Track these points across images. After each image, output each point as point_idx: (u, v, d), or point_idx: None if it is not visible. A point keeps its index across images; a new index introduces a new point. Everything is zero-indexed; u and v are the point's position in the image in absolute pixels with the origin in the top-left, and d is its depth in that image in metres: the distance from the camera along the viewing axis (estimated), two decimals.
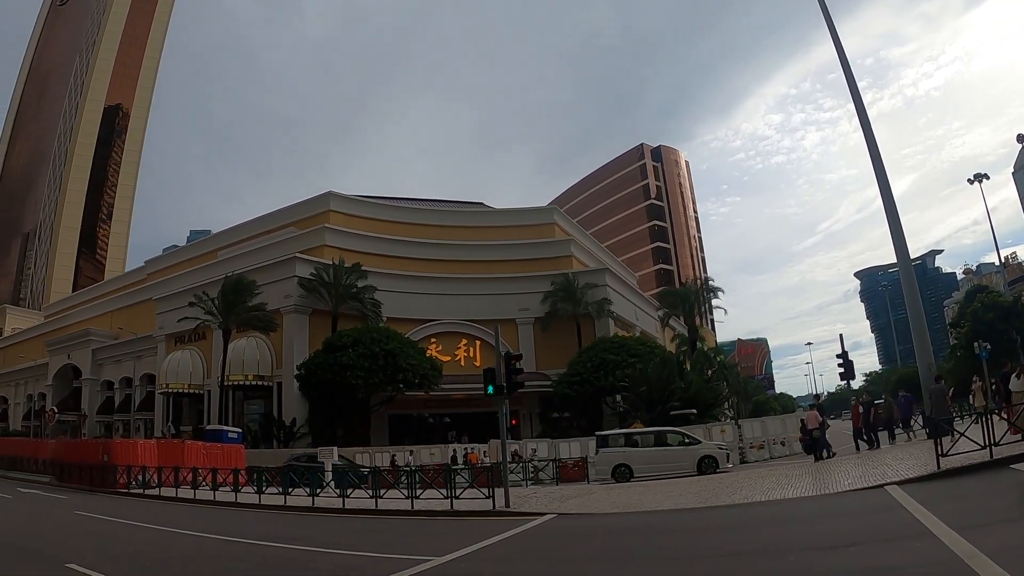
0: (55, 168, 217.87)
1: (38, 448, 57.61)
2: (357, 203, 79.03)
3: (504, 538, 17.37)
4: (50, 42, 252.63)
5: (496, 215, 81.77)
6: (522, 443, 47.62)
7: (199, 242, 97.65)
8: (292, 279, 63.40)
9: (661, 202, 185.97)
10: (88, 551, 17.00)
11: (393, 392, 58.42)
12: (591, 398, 60.51)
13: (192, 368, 70.79)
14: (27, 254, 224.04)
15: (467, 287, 68.98)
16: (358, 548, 17.00)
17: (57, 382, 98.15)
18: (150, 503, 33.09)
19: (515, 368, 26.68)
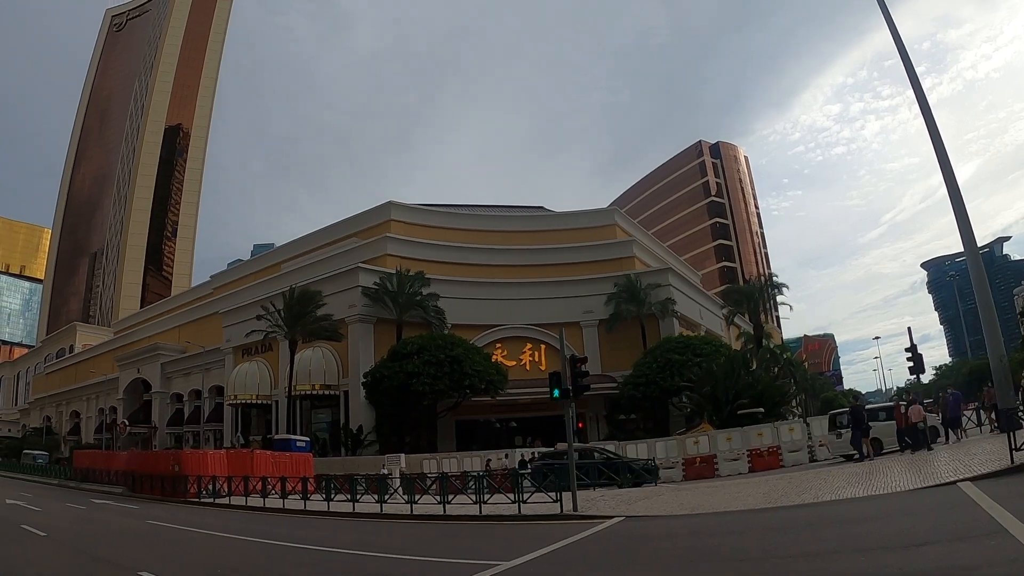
0: (119, 189, 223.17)
1: (110, 460, 58.72)
2: (418, 212, 79.40)
3: (572, 542, 17.24)
4: (109, 67, 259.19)
5: (556, 218, 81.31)
6: (589, 446, 47.10)
7: (263, 256, 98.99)
8: (356, 289, 63.87)
9: (722, 199, 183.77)
10: (160, 559, 17.45)
11: (459, 398, 58.28)
12: (657, 399, 59.68)
13: (259, 379, 71.63)
14: (95, 273, 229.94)
15: (530, 291, 68.72)
16: (426, 554, 17.14)
17: (128, 396, 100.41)
18: (220, 512, 33.69)
19: (580, 371, 26.52)
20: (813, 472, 30.29)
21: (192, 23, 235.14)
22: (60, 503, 37.77)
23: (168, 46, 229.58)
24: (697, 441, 42.54)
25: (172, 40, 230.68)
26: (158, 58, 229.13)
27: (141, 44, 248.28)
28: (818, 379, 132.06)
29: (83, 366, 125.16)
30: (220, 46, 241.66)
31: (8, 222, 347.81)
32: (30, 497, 41.00)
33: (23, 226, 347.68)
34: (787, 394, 63.21)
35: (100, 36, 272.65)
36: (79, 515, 30.66)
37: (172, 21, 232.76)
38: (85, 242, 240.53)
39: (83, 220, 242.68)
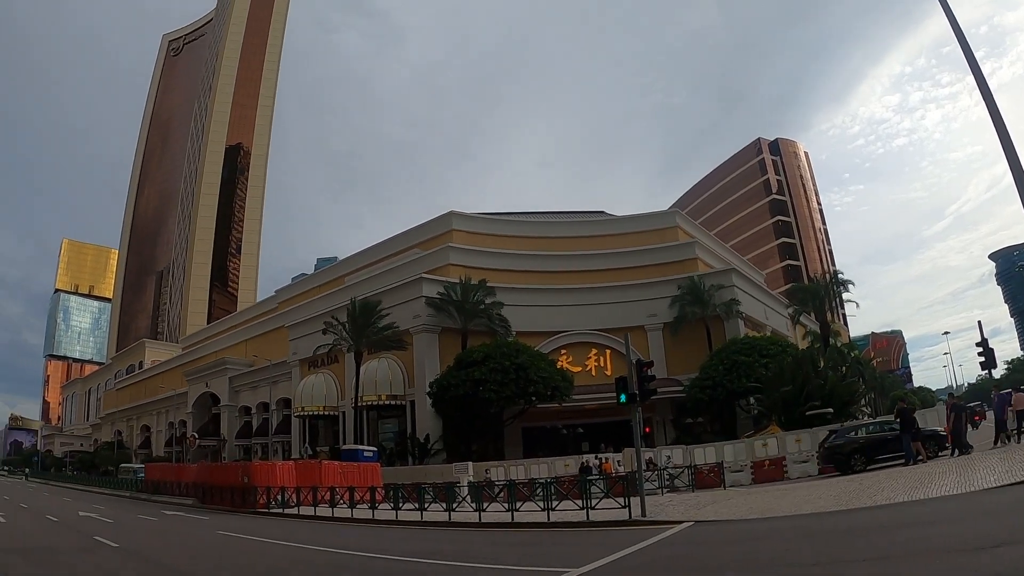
0: (183, 208, 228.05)
1: (181, 472, 59.74)
2: (479, 220, 79.67)
3: (641, 548, 16.93)
4: (168, 90, 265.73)
5: (618, 222, 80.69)
6: (656, 450, 46.44)
7: (326, 269, 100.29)
8: (420, 299, 64.29)
9: (783, 196, 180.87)
10: (229, 569, 17.68)
11: (525, 405, 58.14)
12: (724, 402, 58.77)
13: (326, 391, 72.40)
14: (162, 291, 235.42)
15: (594, 297, 68.28)
16: (495, 561, 16.89)
17: (196, 409, 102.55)
18: (289, 522, 33.86)
19: (647, 375, 26.22)
20: (884, 473, 29.40)
21: (247, 45, 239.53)
22: (132, 515, 38.31)
23: (225, 68, 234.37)
24: (765, 443, 41.70)
25: (228, 62, 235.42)
26: (216, 80, 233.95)
27: (198, 67, 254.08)
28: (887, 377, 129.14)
29: (152, 381, 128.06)
30: (276, 66, 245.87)
31: (77, 244, 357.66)
32: (102, 509, 41.66)
33: (91, 248, 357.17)
34: (856, 393, 61.74)
35: (158, 61, 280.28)
36: (151, 526, 31.04)
37: (227, 44, 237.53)
38: (151, 261, 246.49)
39: (149, 240, 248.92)
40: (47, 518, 33.60)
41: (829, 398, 49.06)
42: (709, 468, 39.21)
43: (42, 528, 28.43)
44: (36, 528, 28.33)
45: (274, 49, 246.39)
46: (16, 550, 20.12)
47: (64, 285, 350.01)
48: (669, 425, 64.03)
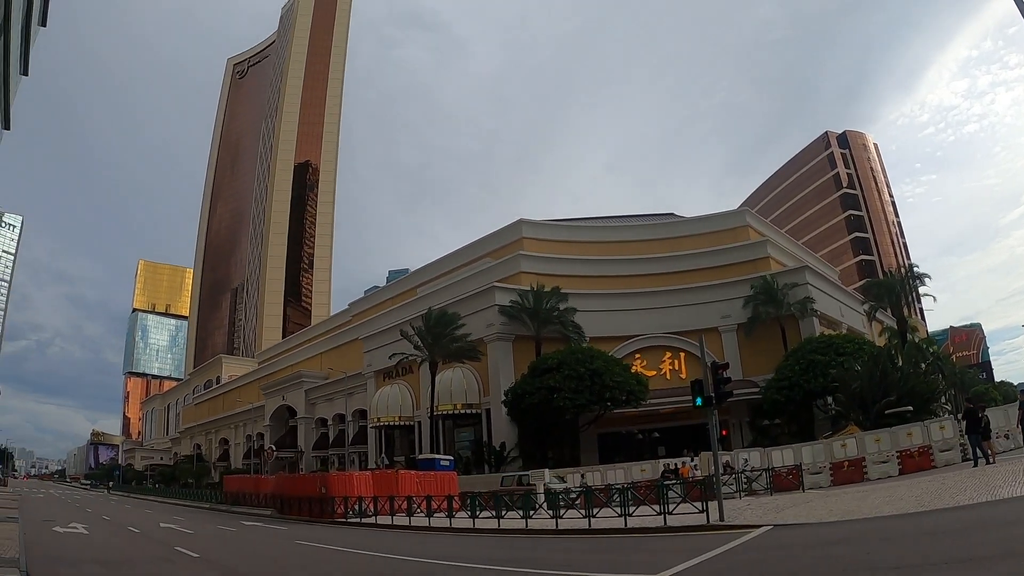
0: (255, 226, 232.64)
1: (259, 484, 60.77)
2: (549, 227, 79.87)
3: (719, 553, 16.76)
4: (235, 112, 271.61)
5: (688, 224, 79.95)
6: (733, 453, 45.81)
7: (399, 281, 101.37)
8: (493, 308, 64.75)
9: (854, 190, 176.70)
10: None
11: (600, 411, 57.74)
12: (801, 402, 57.49)
13: (401, 401, 73.25)
14: (237, 307, 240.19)
15: (666, 299, 67.73)
16: (572, 567, 16.72)
17: (274, 422, 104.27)
18: (367, 531, 33.99)
19: (723, 377, 26.02)
20: (966, 472, 28.66)
21: (311, 65, 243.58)
22: (211, 525, 38.84)
23: (290, 88, 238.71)
24: (844, 444, 40.68)
25: (293, 82, 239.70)
26: (281, 100, 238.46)
27: (264, 88, 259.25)
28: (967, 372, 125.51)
29: (230, 396, 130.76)
30: (340, 84, 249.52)
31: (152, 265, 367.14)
32: (183, 520, 42.19)
33: (166, 268, 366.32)
34: (936, 390, 60.15)
35: (224, 84, 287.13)
36: (230, 537, 31.37)
37: (291, 64, 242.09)
38: (226, 278, 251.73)
39: (223, 258, 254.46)
40: (129, 529, 34.16)
41: (908, 396, 47.99)
42: (787, 470, 38.74)
43: (124, 539, 28.90)
44: (118, 539, 28.76)
45: (337, 68, 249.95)
46: (99, 561, 20.49)
47: (141, 304, 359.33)
48: (746, 427, 63.14)
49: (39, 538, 26.10)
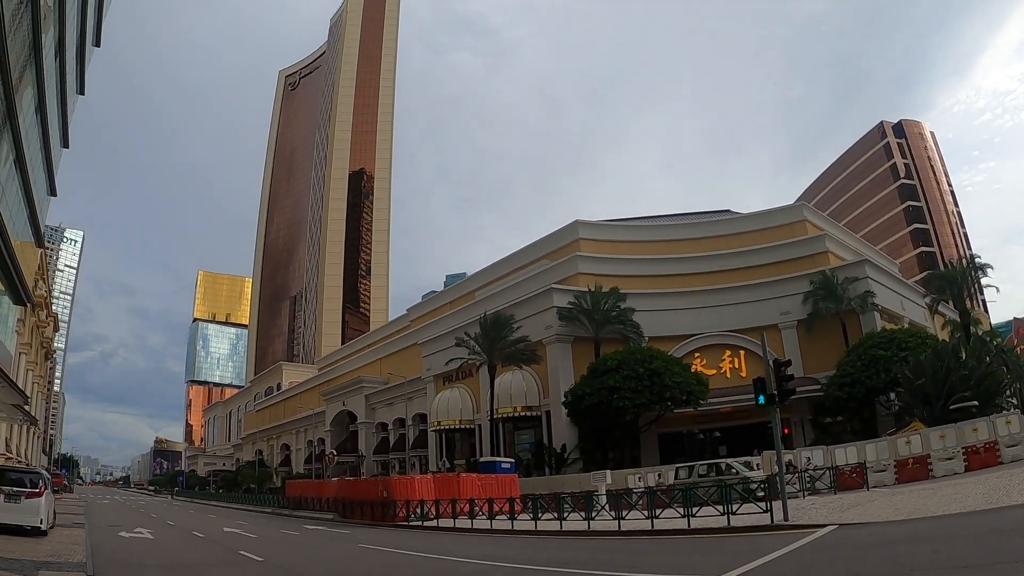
0: (312, 234, 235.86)
1: (321, 488, 61.62)
2: (605, 228, 79.82)
3: (784, 553, 16.71)
4: (289, 122, 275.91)
5: (744, 220, 79.17)
6: (796, 452, 45.33)
7: (456, 285, 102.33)
8: (551, 310, 64.75)
9: (912, 180, 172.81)
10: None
11: (661, 411, 57.41)
12: (863, 399, 56.36)
13: (461, 405, 73.64)
14: (296, 314, 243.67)
15: (724, 297, 67.16)
16: (636, 569, 16.73)
17: (334, 427, 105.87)
18: (429, 534, 34.34)
19: (785, 375, 25.88)
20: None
21: (362, 74, 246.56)
22: (274, 530, 39.20)
23: (342, 98, 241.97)
24: (908, 441, 39.79)
25: (345, 92, 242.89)
26: (334, 110, 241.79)
27: (316, 98, 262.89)
28: None
29: (291, 402, 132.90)
30: (392, 92, 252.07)
31: (212, 275, 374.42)
32: (246, 525, 42.97)
33: (225, 278, 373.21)
34: (1001, 384, 58.79)
35: (276, 96, 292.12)
36: (293, 540, 31.55)
37: (342, 75, 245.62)
38: (284, 287, 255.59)
39: (281, 267, 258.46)
40: (193, 534, 34.56)
41: (974, 390, 47.11)
42: (851, 469, 38.17)
43: (189, 544, 29.29)
44: (183, 544, 29.12)
45: (388, 76, 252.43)
46: (165, 565, 20.77)
47: (201, 314, 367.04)
48: (807, 425, 62.31)
49: (105, 543, 26.58)
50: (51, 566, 16.87)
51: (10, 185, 40.52)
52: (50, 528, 26.63)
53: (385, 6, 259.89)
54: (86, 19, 53.30)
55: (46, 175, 53.17)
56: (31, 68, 38.93)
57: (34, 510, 24.30)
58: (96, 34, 61.07)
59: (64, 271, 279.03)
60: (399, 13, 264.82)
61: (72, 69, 53.63)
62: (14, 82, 33.37)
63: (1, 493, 23.84)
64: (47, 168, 52.71)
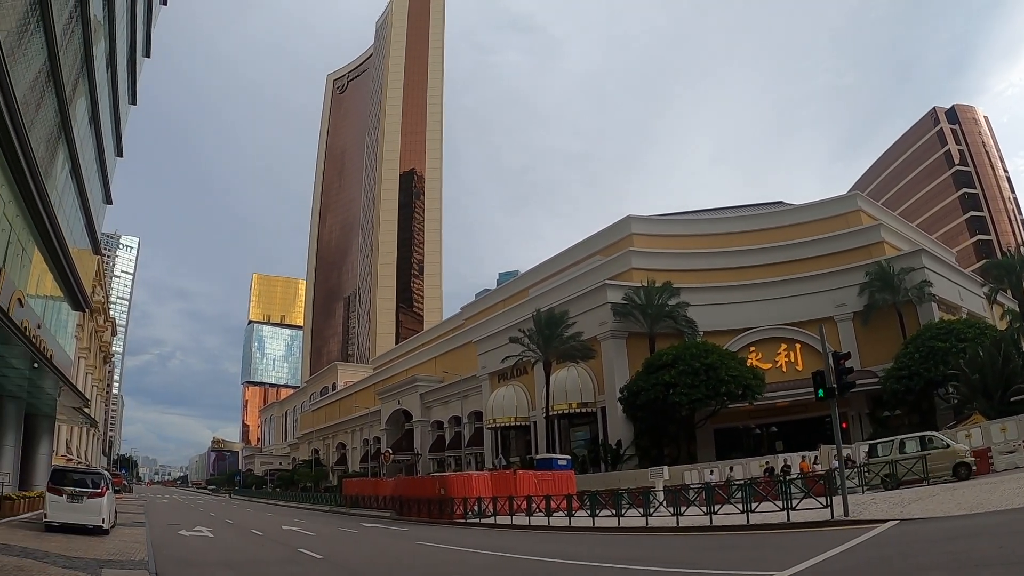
0: (364, 235, 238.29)
1: (378, 487, 62.62)
2: (657, 222, 79.70)
3: (846, 549, 16.64)
4: (339, 125, 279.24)
5: (797, 212, 77.96)
6: (854, 446, 44.73)
7: (509, 283, 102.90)
8: (605, 306, 64.87)
9: (966, 167, 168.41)
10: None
11: (717, 406, 56.92)
12: (922, 392, 55.26)
13: (516, 402, 74.23)
14: (350, 315, 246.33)
15: (779, 290, 66.45)
16: (697, 566, 16.83)
17: (390, 426, 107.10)
18: (487, 531, 34.42)
19: (844, 368, 25.76)
20: None
21: (409, 76, 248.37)
22: (333, 528, 39.56)
23: (390, 100, 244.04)
24: (969, 434, 39.14)
25: (393, 94, 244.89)
26: (383, 112, 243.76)
27: (364, 101, 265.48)
28: None
29: (346, 401, 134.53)
30: (440, 93, 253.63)
31: (266, 278, 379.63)
32: (304, 523, 43.28)
33: (279, 280, 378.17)
34: None
35: (325, 99, 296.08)
36: (352, 538, 31.74)
37: (390, 77, 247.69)
38: (338, 288, 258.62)
39: (334, 268, 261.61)
40: (252, 532, 34.84)
41: None
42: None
43: (248, 542, 29.50)
44: (243, 542, 29.37)
45: (435, 77, 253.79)
46: (225, 563, 20.92)
47: (256, 316, 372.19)
48: (865, 419, 61.39)
49: (166, 542, 27.10)
50: (114, 564, 17.42)
51: (67, 194, 41.78)
52: (112, 527, 27.37)
53: (430, 7, 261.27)
54: (135, 31, 54.63)
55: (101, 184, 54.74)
56: (84, 80, 40.12)
57: (96, 510, 25.06)
58: (146, 45, 62.59)
59: (120, 277, 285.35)
60: (444, 14, 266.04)
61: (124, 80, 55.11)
62: (68, 94, 34.50)
63: (64, 493, 24.65)
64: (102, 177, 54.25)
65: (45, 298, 42.41)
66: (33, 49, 27.64)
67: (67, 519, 24.57)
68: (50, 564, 16.32)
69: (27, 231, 34.34)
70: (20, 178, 29.07)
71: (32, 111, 29.02)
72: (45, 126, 32.66)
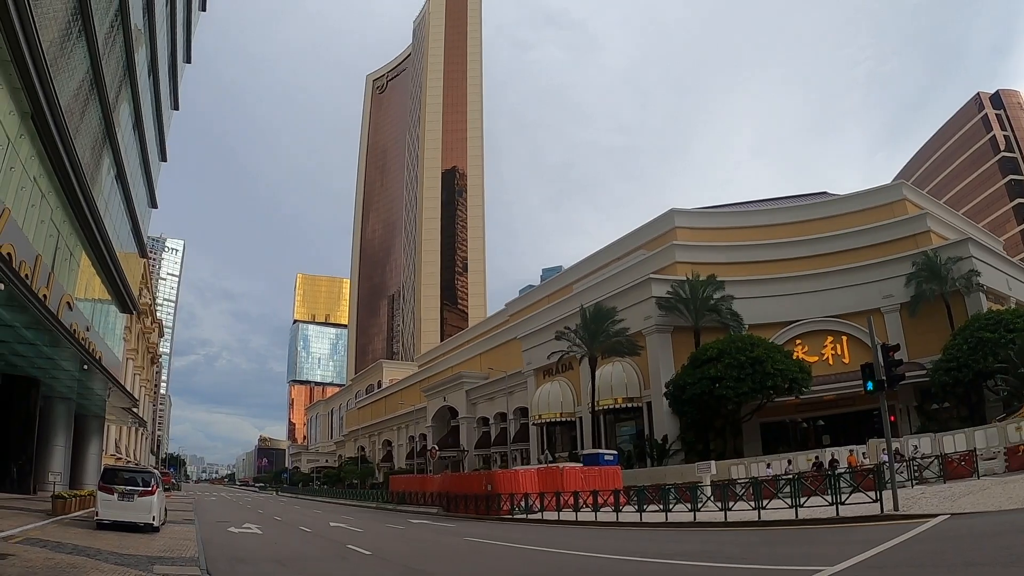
0: (407, 233, 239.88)
1: (424, 483, 63.05)
2: (701, 215, 79.26)
3: (897, 543, 16.53)
4: (379, 125, 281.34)
5: (842, 202, 76.66)
6: (902, 440, 44.27)
7: (553, 279, 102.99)
8: (649, 300, 64.80)
9: (1012, 153, 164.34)
10: (481, 574, 18.11)
11: (763, 400, 56.67)
12: (971, 384, 54.13)
13: (562, 397, 74.53)
14: (394, 313, 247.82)
15: (824, 282, 65.65)
16: (746, 560, 16.75)
17: (436, 423, 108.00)
18: (534, 527, 34.34)
19: (893, 360, 25.54)
20: None
21: (449, 74, 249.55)
22: (380, 524, 39.62)
23: (430, 98, 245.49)
24: (1019, 427, 38.51)
25: (433, 92, 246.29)
26: (423, 110, 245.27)
27: (404, 100, 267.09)
28: None
29: (391, 399, 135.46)
30: (479, 90, 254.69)
31: (310, 278, 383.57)
32: (351, 519, 43.26)
33: (324, 280, 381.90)
34: None
35: (365, 100, 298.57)
36: (400, 534, 31.72)
37: (429, 75, 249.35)
38: (382, 286, 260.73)
39: (378, 266, 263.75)
40: (300, 529, 34.84)
41: None
42: (959, 457, 37.39)
43: (297, 538, 29.49)
44: (291, 538, 29.36)
45: (475, 74, 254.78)
46: (275, 559, 21.01)
47: (301, 316, 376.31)
48: (913, 412, 60.44)
49: (215, 538, 27.21)
50: (165, 561, 17.68)
51: (113, 199, 42.92)
52: (162, 525, 27.56)
53: (467, 5, 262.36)
54: (176, 38, 55.79)
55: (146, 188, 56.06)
56: (126, 87, 41.19)
57: (147, 508, 25.34)
58: (186, 51, 63.84)
59: (166, 279, 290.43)
60: (482, 11, 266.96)
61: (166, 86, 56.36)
62: (111, 101, 35.46)
63: (115, 492, 24.99)
64: (147, 182, 55.57)
65: (93, 301, 43.55)
66: (76, 58, 28.49)
67: (118, 517, 24.93)
68: (102, 561, 16.66)
69: (74, 236, 35.37)
70: (67, 184, 29.99)
71: (77, 118, 29.87)
72: (90, 133, 33.62)
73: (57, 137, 26.27)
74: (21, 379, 38.27)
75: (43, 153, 26.84)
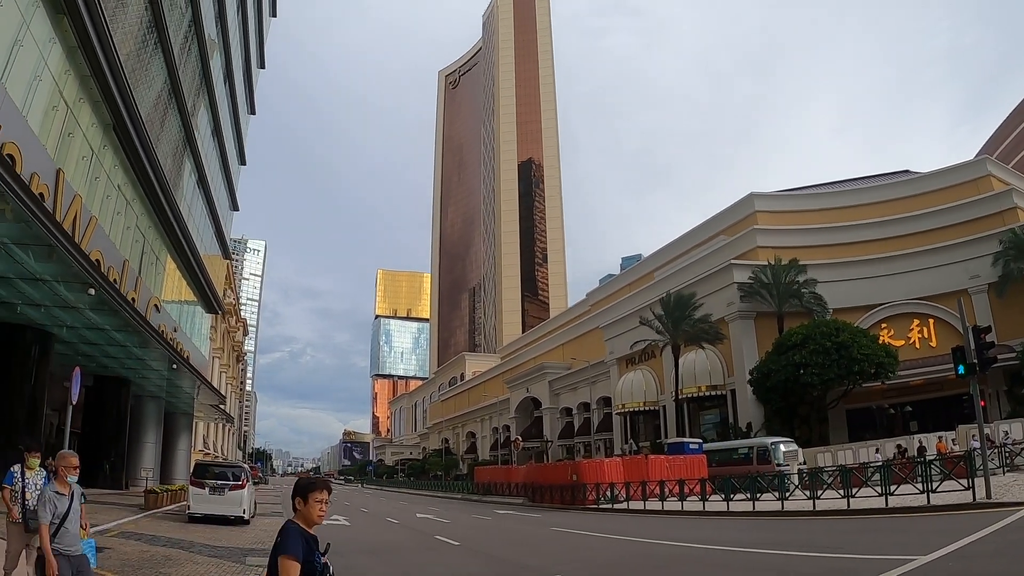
0: (486, 226, 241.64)
1: (509, 474, 64.04)
2: (781, 199, 78.36)
3: (990, 532, 16.36)
4: (453, 120, 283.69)
5: (924, 180, 74.33)
6: (992, 426, 42.98)
7: (633, 267, 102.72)
8: (731, 286, 64.40)
9: None
10: (570, 563, 18.04)
11: (849, 386, 55.48)
12: None
13: (645, 386, 74.92)
14: (475, 306, 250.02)
15: (908, 263, 63.93)
16: (837, 550, 16.56)
17: (519, 414, 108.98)
18: (619, 517, 34.65)
19: (984, 343, 25.18)
20: None
21: (520, 66, 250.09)
22: (466, 515, 39.95)
23: (503, 91, 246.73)
24: None
25: (505, 85, 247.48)
26: (496, 103, 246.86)
27: (477, 94, 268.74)
28: None
29: (475, 391, 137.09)
30: (552, 80, 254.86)
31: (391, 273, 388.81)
32: (437, 511, 43.95)
33: (404, 275, 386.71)
34: None
35: (439, 95, 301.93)
36: (486, 525, 32.05)
37: (500, 69, 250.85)
38: (462, 279, 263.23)
39: (458, 260, 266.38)
40: (388, 520, 35.33)
41: None
42: None
43: (384, 530, 29.95)
44: (379, 530, 29.73)
45: (546, 65, 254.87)
46: (365, 550, 21.15)
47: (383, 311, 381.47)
48: (1003, 397, 58.75)
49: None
50: (257, 552, 18.48)
51: (195, 204, 44.99)
52: (252, 517, 28.77)
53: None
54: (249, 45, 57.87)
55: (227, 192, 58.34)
56: (203, 95, 43.19)
57: (237, 501, 26.64)
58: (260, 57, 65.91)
59: (249, 279, 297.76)
60: (550, 2, 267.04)
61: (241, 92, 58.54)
62: (189, 109, 37.28)
63: (206, 486, 26.39)
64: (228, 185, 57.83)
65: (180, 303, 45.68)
66: (154, 69, 30.12)
67: (209, 511, 26.15)
68: (196, 553, 17.69)
69: (159, 241, 37.32)
70: (150, 191, 31.75)
71: (157, 127, 31.59)
72: (170, 140, 35.48)
73: (139, 146, 27.80)
74: (112, 379, 40.45)
75: (126, 162, 28.47)
